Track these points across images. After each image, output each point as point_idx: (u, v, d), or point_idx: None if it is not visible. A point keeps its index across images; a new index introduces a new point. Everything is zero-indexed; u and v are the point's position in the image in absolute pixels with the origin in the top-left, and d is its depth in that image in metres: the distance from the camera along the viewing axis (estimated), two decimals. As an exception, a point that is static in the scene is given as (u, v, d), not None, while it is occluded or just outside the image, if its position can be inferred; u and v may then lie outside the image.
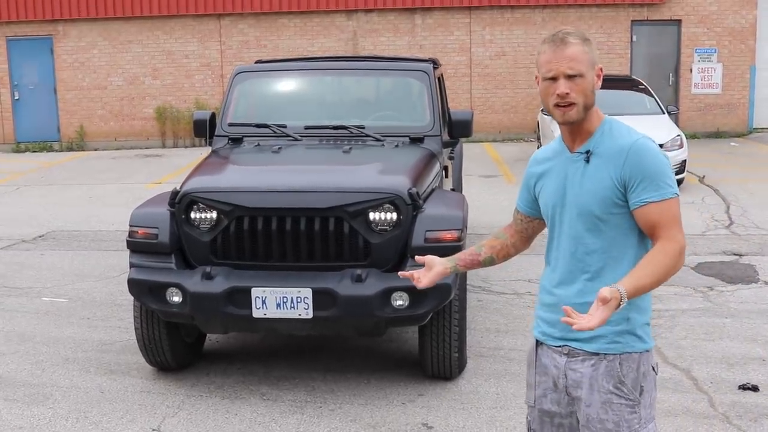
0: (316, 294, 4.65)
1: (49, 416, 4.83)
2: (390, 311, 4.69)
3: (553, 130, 13.27)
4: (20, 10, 18.50)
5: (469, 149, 17.17)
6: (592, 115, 2.57)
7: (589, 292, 2.52)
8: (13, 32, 18.77)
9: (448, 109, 7.32)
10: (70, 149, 18.90)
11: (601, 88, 2.62)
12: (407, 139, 6.06)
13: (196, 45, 18.71)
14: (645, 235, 2.55)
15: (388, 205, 4.86)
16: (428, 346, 5.05)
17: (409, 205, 4.86)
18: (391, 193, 4.86)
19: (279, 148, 5.80)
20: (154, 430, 4.63)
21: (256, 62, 7.35)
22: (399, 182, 4.98)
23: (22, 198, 12.78)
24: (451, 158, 7.19)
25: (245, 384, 5.24)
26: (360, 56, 7.96)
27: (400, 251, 4.87)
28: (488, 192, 12.35)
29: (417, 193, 4.92)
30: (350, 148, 5.71)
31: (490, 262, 2.95)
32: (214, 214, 4.94)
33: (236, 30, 18.63)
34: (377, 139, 6.00)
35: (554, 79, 2.53)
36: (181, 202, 4.99)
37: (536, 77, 2.62)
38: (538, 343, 2.74)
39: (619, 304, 2.33)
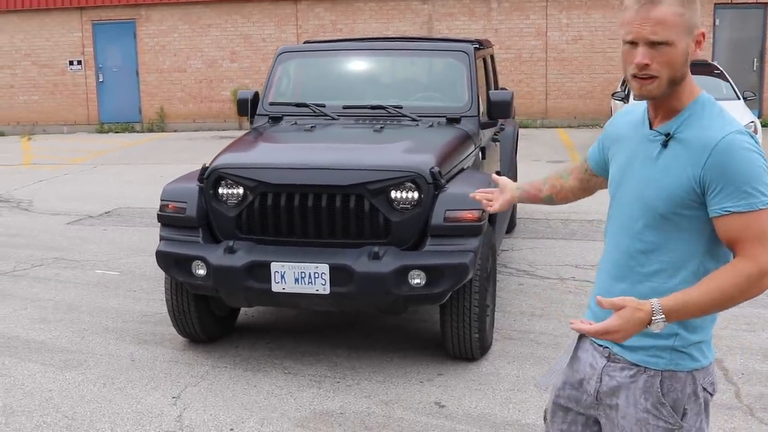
0: (333, 270, 4.69)
1: (79, 381, 5.02)
2: (407, 289, 4.69)
3: (622, 116, 12.98)
4: (105, -5, 19.11)
5: (541, 134, 17.00)
6: (681, 89, 2.13)
7: (636, 296, 2.13)
8: (98, 16, 19.40)
9: (494, 89, 7.24)
10: (150, 130, 19.47)
11: None
12: (444, 119, 6.03)
13: (273, 29, 18.98)
14: (719, 244, 2.14)
15: (409, 184, 4.86)
16: (448, 326, 5.04)
17: (431, 184, 4.85)
18: (412, 172, 4.85)
19: (312, 127, 5.86)
20: (174, 397, 4.76)
21: (305, 42, 7.43)
22: (422, 161, 4.97)
23: (98, 176, 13.24)
24: (495, 140, 7.12)
25: (270, 357, 5.33)
26: (403, 37, 7.94)
27: (420, 230, 4.86)
28: (553, 178, 12.15)
29: (439, 172, 4.90)
30: (382, 128, 5.72)
31: (549, 200, 2.75)
32: (241, 190, 5.03)
33: (312, 14, 18.81)
34: (413, 119, 5.99)
35: (634, 43, 2.09)
36: (210, 178, 5.10)
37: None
38: (581, 336, 2.38)
39: (651, 321, 2.02)
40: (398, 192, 4.87)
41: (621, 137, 2.33)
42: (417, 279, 4.69)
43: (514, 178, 8.56)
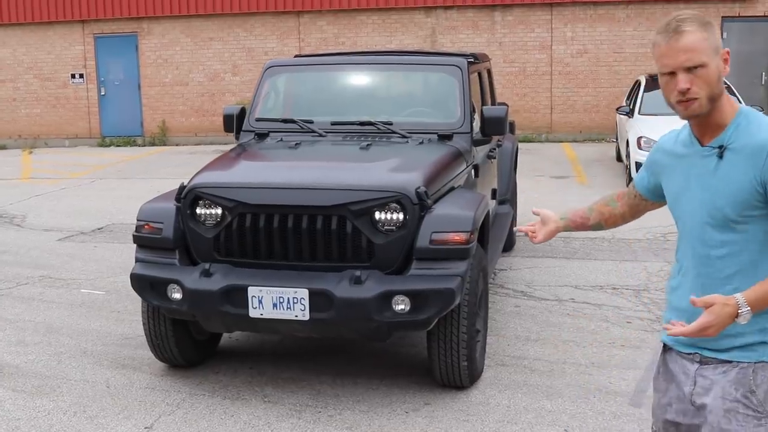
0: (313, 295, 4.47)
1: (50, 409, 4.81)
2: (390, 316, 4.47)
3: (627, 131, 12.75)
4: (107, 8, 19.01)
5: (546, 149, 16.78)
6: (722, 105, 2.34)
7: None
8: (100, 30, 19.30)
9: (491, 104, 7.03)
10: (152, 144, 19.33)
11: None
12: (435, 136, 5.82)
13: (275, 42, 18.83)
14: None
15: (394, 205, 4.64)
16: (435, 353, 4.81)
17: (416, 205, 4.63)
18: (397, 192, 4.63)
19: (297, 144, 5.65)
20: (146, 428, 4.54)
21: (295, 56, 7.24)
22: (407, 180, 4.75)
23: (95, 191, 13.08)
24: (491, 157, 6.89)
25: (251, 384, 5.11)
26: (395, 51, 7.72)
27: (405, 253, 4.64)
28: (557, 193, 11.93)
29: (426, 192, 4.68)
30: (369, 145, 5.50)
31: (598, 227, 2.90)
32: (219, 210, 4.82)
33: (315, 27, 18.67)
34: (403, 136, 5.78)
35: (673, 73, 2.31)
36: (187, 197, 4.89)
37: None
38: (666, 348, 2.55)
39: (737, 314, 2.21)
40: (382, 213, 4.65)
41: (671, 161, 2.49)
42: (401, 305, 4.47)
43: (514, 196, 8.34)
